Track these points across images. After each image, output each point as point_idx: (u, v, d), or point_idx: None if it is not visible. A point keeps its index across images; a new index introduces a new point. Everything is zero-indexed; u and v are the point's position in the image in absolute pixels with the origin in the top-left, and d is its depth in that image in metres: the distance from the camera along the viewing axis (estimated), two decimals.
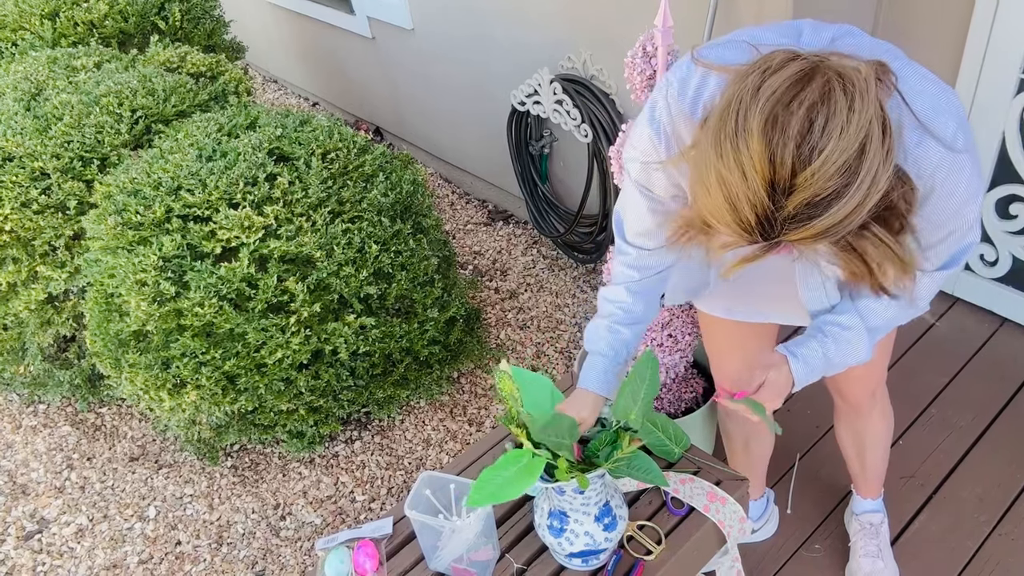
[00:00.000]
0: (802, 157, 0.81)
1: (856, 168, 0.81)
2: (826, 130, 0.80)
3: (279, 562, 2.25)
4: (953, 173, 0.99)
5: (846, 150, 0.80)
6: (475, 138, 3.26)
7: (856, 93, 0.82)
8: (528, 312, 2.92)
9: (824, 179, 0.80)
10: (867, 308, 1.21)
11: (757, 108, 0.83)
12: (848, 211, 0.82)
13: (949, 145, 0.97)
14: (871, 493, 1.86)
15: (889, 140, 0.83)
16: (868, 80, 0.83)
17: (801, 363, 1.23)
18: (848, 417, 1.70)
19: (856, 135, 0.80)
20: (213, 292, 1.99)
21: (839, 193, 0.81)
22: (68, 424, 2.75)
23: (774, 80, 0.84)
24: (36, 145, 2.29)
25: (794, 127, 0.81)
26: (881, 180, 0.83)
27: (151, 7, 3.00)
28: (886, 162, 0.83)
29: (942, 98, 0.98)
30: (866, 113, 0.81)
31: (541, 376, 1.28)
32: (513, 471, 1.17)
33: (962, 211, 1.03)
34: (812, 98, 0.81)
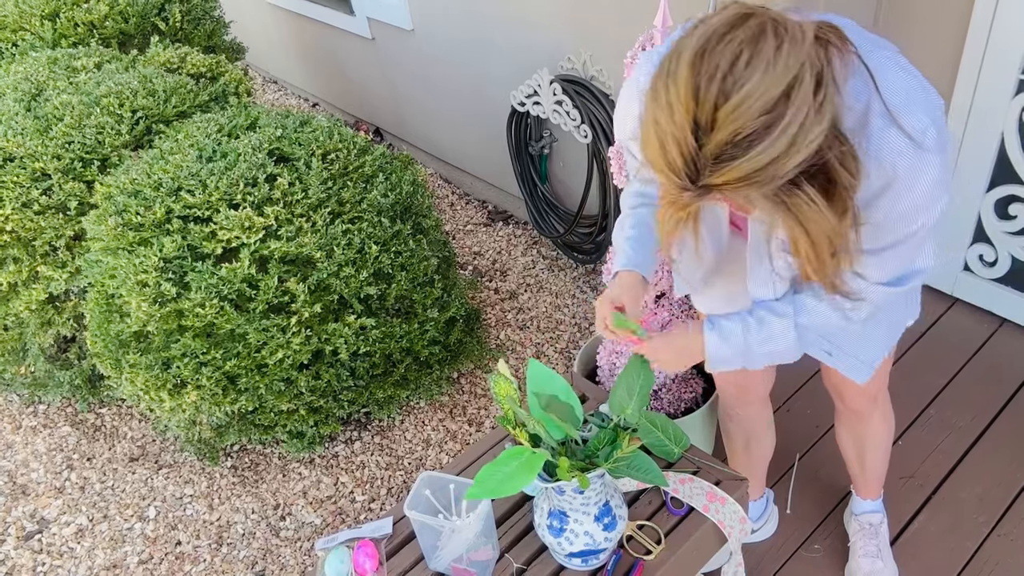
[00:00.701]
0: (724, 91, 0.80)
1: (781, 112, 0.80)
2: (751, 65, 0.80)
3: (279, 562, 2.25)
4: (916, 169, 0.98)
5: (769, 89, 0.79)
6: (475, 139, 3.26)
7: (788, 38, 0.81)
8: (528, 312, 2.92)
9: (745, 116, 0.80)
10: (802, 302, 1.19)
11: (689, 45, 0.83)
12: (772, 156, 0.81)
13: (916, 140, 0.96)
14: (871, 494, 1.86)
15: (824, 95, 0.82)
16: (806, 31, 0.82)
17: (716, 333, 1.22)
18: (848, 420, 1.70)
19: (782, 76, 0.79)
20: (214, 293, 1.99)
21: (760, 135, 0.80)
22: (68, 424, 2.75)
23: (712, 21, 0.84)
24: (37, 146, 2.29)
25: (718, 61, 0.81)
26: (810, 132, 0.81)
27: (151, 8, 3.00)
28: (818, 115, 0.81)
29: (918, 94, 0.98)
30: (795, 57, 0.80)
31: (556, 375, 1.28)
32: (514, 466, 1.17)
33: (916, 216, 1.01)
34: (742, 36, 0.81)
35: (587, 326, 2.82)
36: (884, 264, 1.10)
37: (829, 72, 0.84)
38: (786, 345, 1.22)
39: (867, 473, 1.79)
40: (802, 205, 0.88)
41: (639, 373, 1.30)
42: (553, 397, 1.25)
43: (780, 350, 1.22)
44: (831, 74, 0.85)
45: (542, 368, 1.28)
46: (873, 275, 1.12)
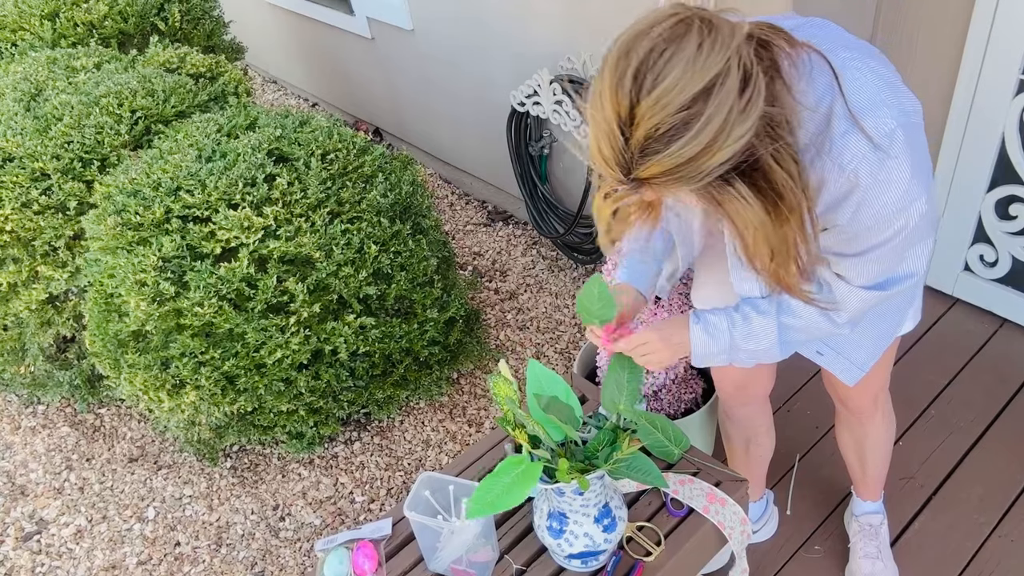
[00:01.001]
0: (644, 86, 0.82)
1: (700, 109, 0.81)
2: (670, 62, 0.81)
3: (278, 563, 2.25)
4: (879, 177, 0.97)
5: (688, 86, 0.80)
6: (475, 139, 3.26)
7: (714, 37, 0.82)
8: (528, 313, 2.92)
9: (664, 111, 0.81)
10: (787, 303, 1.19)
11: (619, 41, 0.85)
12: (693, 152, 0.82)
13: (881, 144, 0.95)
14: (871, 495, 1.85)
15: (752, 94, 0.82)
16: (736, 30, 0.83)
17: (702, 327, 1.23)
18: (849, 422, 1.70)
19: (703, 73, 0.80)
20: (213, 292, 1.99)
21: (679, 130, 0.81)
22: (67, 425, 2.75)
23: (644, 18, 0.86)
24: (36, 146, 2.29)
25: (641, 56, 0.82)
26: (734, 130, 0.82)
27: (151, 8, 3.00)
28: (743, 113, 0.82)
29: (885, 95, 0.97)
30: (719, 55, 0.81)
31: (556, 375, 1.28)
32: (512, 477, 1.17)
33: (888, 222, 1.01)
34: (667, 34, 0.83)
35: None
36: (864, 268, 1.09)
37: (760, 71, 0.84)
38: (769, 343, 1.22)
39: (868, 474, 1.79)
40: (733, 202, 0.89)
41: (625, 367, 1.30)
42: (553, 398, 1.25)
43: (764, 348, 1.22)
44: (765, 73, 0.85)
45: (542, 369, 1.28)
46: (854, 278, 1.12)
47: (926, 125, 1.58)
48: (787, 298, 1.19)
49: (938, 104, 2.19)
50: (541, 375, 1.28)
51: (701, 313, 1.25)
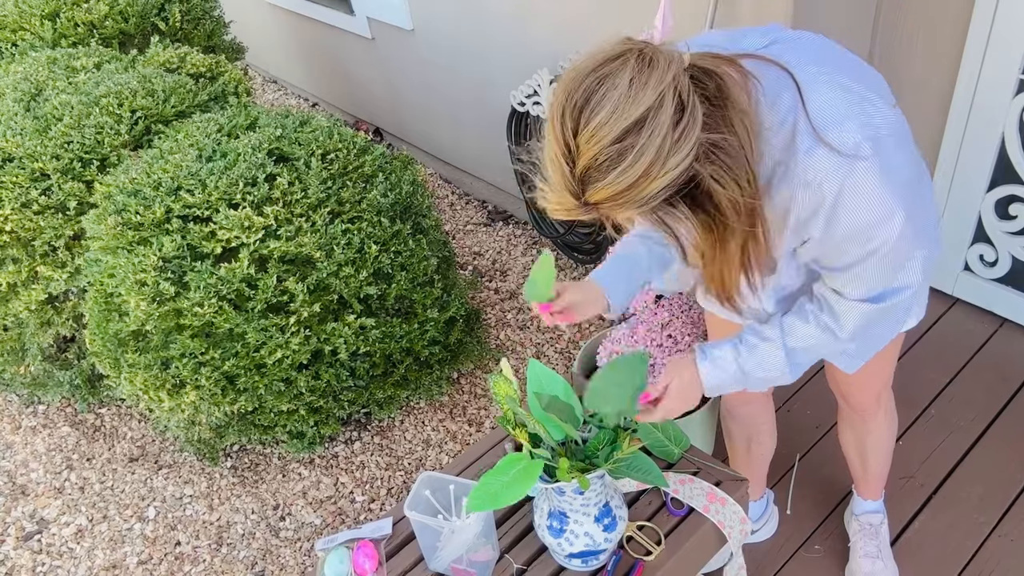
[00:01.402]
0: (582, 120, 0.87)
1: (632, 141, 0.85)
2: (605, 97, 0.86)
3: (279, 563, 2.25)
4: (845, 192, 0.98)
5: (619, 120, 0.85)
6: (475, 139, 3.26)
7: (648, 71, 0.86)
8: (528, 312, 2.92)
9: (599, 145, 0.86)
10: (790, 325, 1.21)
11: (565, 75, 0.91)
12: (629, 181, 0.86)
13: (842, 158, 0.97)
14: (872, 494, 1.86)
15: (685, 125, 0.86)
16: (673, 63, 0.87)
17: (710, 364, 1.24)
18: (851, 420, 1.70)
19: (634, 107, 0.84)
20: (213, 292, 1.99)
21: (615, 161, 0.86)
22: (67, 425, 2.75)
23: (593, 52, 0.90)
24: (36, 146, 2.29)
25: (579, 92, 0.87)
26: (669, 159, 0.86)
27: (151, 8, 3.00)
28: (678, 143, 0.86)
29: (851, 108, 0.98)
30: (652, 89, 0.85)
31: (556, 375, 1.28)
32: (512, 475, 1.17)
33: (866, 235, 1.02)
34: (605, 71, 0.87)
35: (587, 326, 2.82)
36: (855, 282, 1.11)
37: (696, 101, 0.87)
38: (779, 370, 1.23)
39: (869, 473, 1.79)
40: (677, 221, 0.96)
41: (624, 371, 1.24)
42: (554, 397, 1.24)
43: (774, 375, 1.24)
44: (708, 101, 0.89)
45: (542, 368, 1.28)
46: (848, 292, 1.13)
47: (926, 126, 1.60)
48: (789, 320, 1.21)
49: (938, 104, 2.19)
50: (541, 375, 1.27)
51: (707, 350, 1.26)
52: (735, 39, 1.10)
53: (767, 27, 1.13)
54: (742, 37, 1.10)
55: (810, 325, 1.19)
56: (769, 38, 1.08)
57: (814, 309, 1.20)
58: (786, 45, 1.06)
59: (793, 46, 1.06)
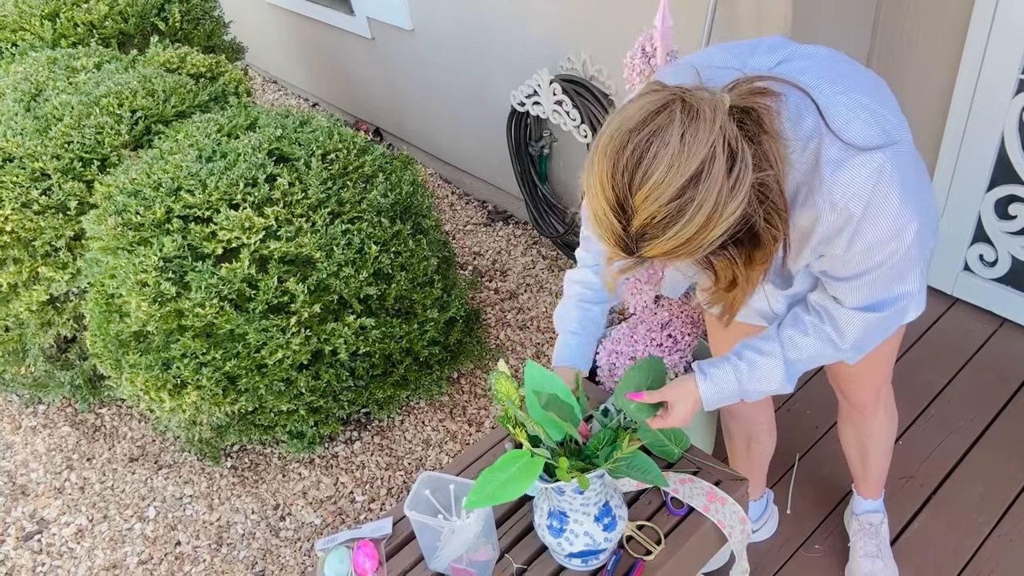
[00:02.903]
0: (635, 182, 0.86)
1: (691, 196, 0.85)
2: (657, 157, 0.85)
3: (279, 563, 2.25)
4: (870, 211, 1.00)
5: (675, 179, 0.85)
6: (475, 139, 3.26)
7: (696, 124, 0.86)
8: (528, 312, 2.92)
9: (657, 203, 0.86)
10: (789, 339, 1.22)
11: (608, 132, 0.90)
12: (689, 235, 0.87)
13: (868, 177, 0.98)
14: (872, 493, 1.86)
15: (740, 170, 0.87)
16: (718, 110, 0.87)
17: (710, 383, 1.26)
18: (851, 416, 1.70)
19: (688, 164, 0.84)
20: (214, 293, 1.99)
21: (674, 218, 0.86)
22: (68, 425, 2.75)
23: (631, 107, 0.90)
24: (36, 146, 2.29)
25: (630, 153, 0.86)
26: (726, 208, 0.87)
27: (151, 8, 3.00)
28: (733, 191, 0.86)
29: (874, 131, 0.99)
30: (703, 141, 0.85)
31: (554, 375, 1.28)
32: (512, 471, 1.17)
33: (880, 249, 1.04)
34: (653, 127, 0.86)
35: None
36: (858, 291, 1.12)
37: (745, 145, 0.88)
38: (778, 382, 1.25)
39: (869, 472, 1.79)
40: (724, 262, 0.97)
41: (648, 375, 1.30)
42: (553, 396, 1.25)
43: (773, 388, 1.26)
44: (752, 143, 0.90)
45: (539, 369, 1.28)
46: (848, 301, 1.15)
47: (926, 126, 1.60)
48: (788, 334, 1.23)
49: (938, 104, 2.19)
50: (539, 376, 1.28)
51: (706, 368, 1.28)
52: (742, 57, 1.09)
53: (772, 41, 1.12)
54: (749, 55, 1.09)
55: (810, 337, 1.21)
56: (778, 55, 1.07)
57: (814, 321, 1.21)
58: (798, 63, 1.06)
59: (805, 64, 1.06)
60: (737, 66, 1.06)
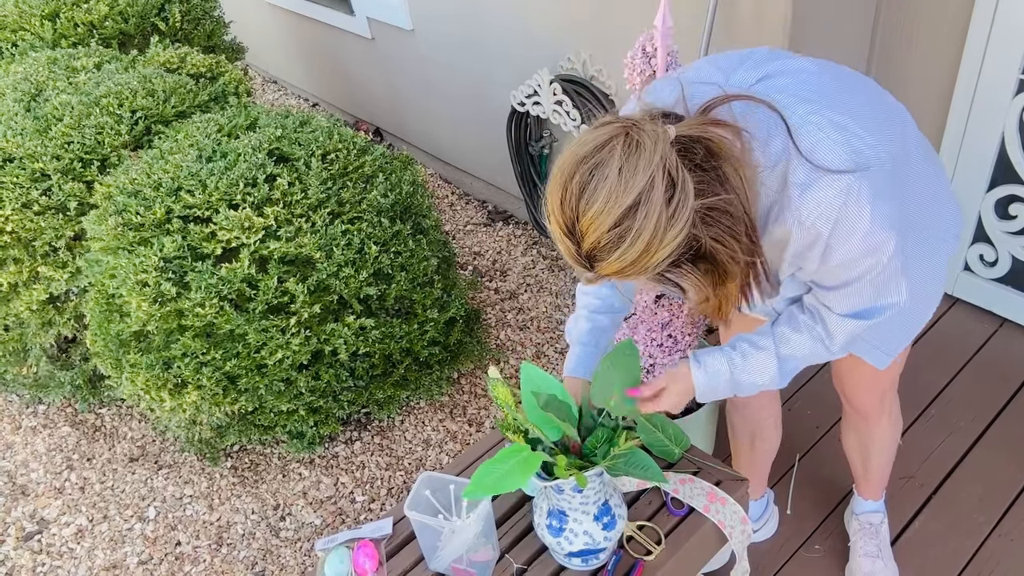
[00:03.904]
0: (579, 209, 0.93)
1: (629, 224, 0.91)
2: (598, 189, 0.91)
3: (279, 563, 2.25)
4: (839, 229, 1.03)
5: (613, 208, 0.90)
6: (475, 139, 3.26)
7: (636, 157, 0.91)
8: (528, 312, 2.92)
9: (598, 231, 0.92)
10: (782, 335, 1.25)
11: (561, 161, 0.96)
12: (632, 258, 0.93)
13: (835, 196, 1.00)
14: (873, 495, 1.86)
15: (678, 200, 0.91)
16: (659, 143, 0.91)
17: (703, 371, 1.30)
18: (854, 421, 1.70)
19: (625, 195, 0.90)
20: (214, 293, 1.99)
21: (615, 243, 0.92)
22: (68, 425, 2.75)
23: (583, 137, 0.96)
24: (36, 146, 2.29)
25: (574, 183, 0.93)
26: (665, 235, 0.92)
27: (151, 8, 3.00)
28: (672, 219, 0.91)
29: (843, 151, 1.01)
30: (640, 175, 0.90)
31: (550, 376, 1.28)
32: (512, 464, 1.18)
33: (858, 263, 1.07)
34: (596, 160, 0.92)
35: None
36: (844, 299, 1.16)
37: (686, 176, 0.92)
38: (771, 376, 1.27)
39: (871, 475, 1.79)
40: (683, 277, 1.02)
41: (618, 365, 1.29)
42: (551, 396, 1.25)
43: (766, 381, 1.28)
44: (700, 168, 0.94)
45: (535, 371, 1.29)
46: (836, 307, 1.18)
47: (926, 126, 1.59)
48: (782, 330, 1.25)
49: (938, 104, 2.19)
50: (535, 377, 1.28)
51: (701, 357, 1.30)
52: (727, 71, 1.11)
53: (761, 54, 1.14)
54: (733, 69, 1.11)
55: (803, 335, 1.23)
56: (761, 72, 1.09)
57: (807, 320, 1.24)
58: (779, 81, 1.08)
59: (785, 82, 1.07)
60: (720, 81, 1.09)
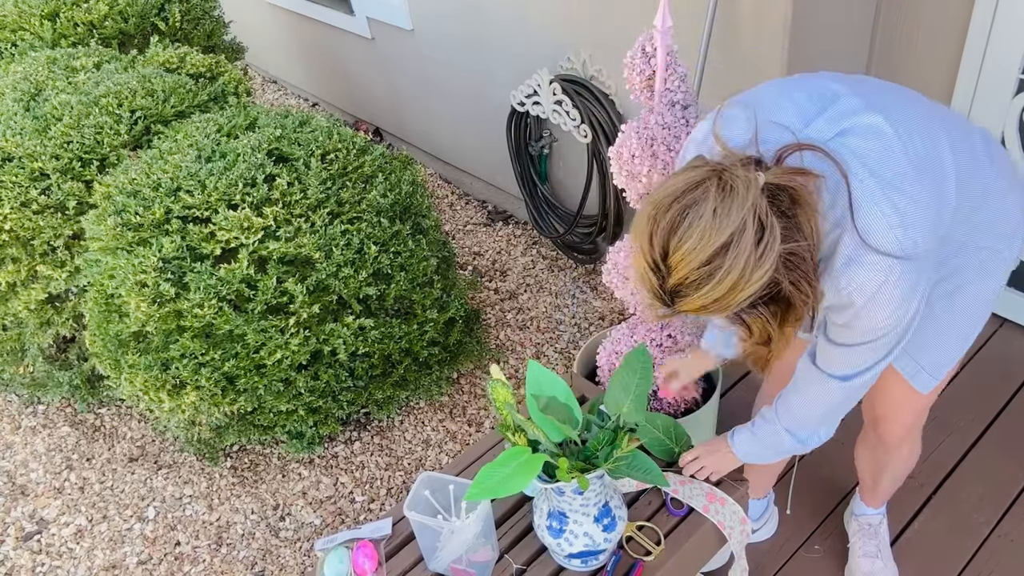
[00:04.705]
0: (670, 246, 0.97)
1: (719, 263, 0.95)
2: (692, 227, 0.96)
3: (278, 563, 2.25)
4: (871, 305, 1.08)
5: (706, 247, 0.95)
6: (474, 139, 3.26)
7: (730, 199, 0.95)
8: (528, 313, 2.92)
9: (688, 267, 0.96)
10: (782, 407, 1.36)
11: (653, 198, 1.00)
12: (717, 295, 0.97)
13: (873, 277, 1.04)
14: (875, 505, 1.84)
15: (767, 242, 0.96)
16: (751, 188, 0.96)
17: (736, 446, 1.46)
18: (872, 445, 1.66)
19: (718, 235, 0.94)
20: (213, 293, 1.99)
21: (704, 280, 0.96)
22: (67, 425, 2.75)
23: (676, 179, 1.00)
24: (35, 145, 2.29)
25: (668, 219, 0.97)
26: (752, 275, 0.96)
27: (151, 8, 3.00)
28: (760, 260, 0.96)
29: (895, 236, 1.03)
30: (734, 215, 0.94)
31: (556, 376, 1.28)
32: (513, 467, 1.17)
33: (879, 330, 1.11)
34: (690, 200, 0.97)
35: (587, 326, 2.82)
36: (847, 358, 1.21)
37: (774, 221, 0.96)
38: (787, 443, 1.39)
39: (878, 490, 1.77)
40: (756, 319, 1.07)
41: (636, 371, 1.30)
42: (552, 398, 1.25)
43: (786, 447, 1.40)
44: (783, 218, 0.98)
45: (541, 370, 1.28)
46: (833, 368, 1.23)
47: None
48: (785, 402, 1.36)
49: None
50: (541, 376, 1.28)
51: (734, 434, 1.48)
52: (806, 118, 1.10)
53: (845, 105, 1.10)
54: (813, 118, 1.10)
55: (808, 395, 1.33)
56: (840, 126, 1.08)
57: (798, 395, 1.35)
58: (853, 141, 1.06)
59: (859, 146, 1.06)
60: (797, 128, 1.09)
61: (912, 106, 1.13)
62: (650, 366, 1.30)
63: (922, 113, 1.13)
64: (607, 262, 1.94)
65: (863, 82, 1.16)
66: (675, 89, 1.69)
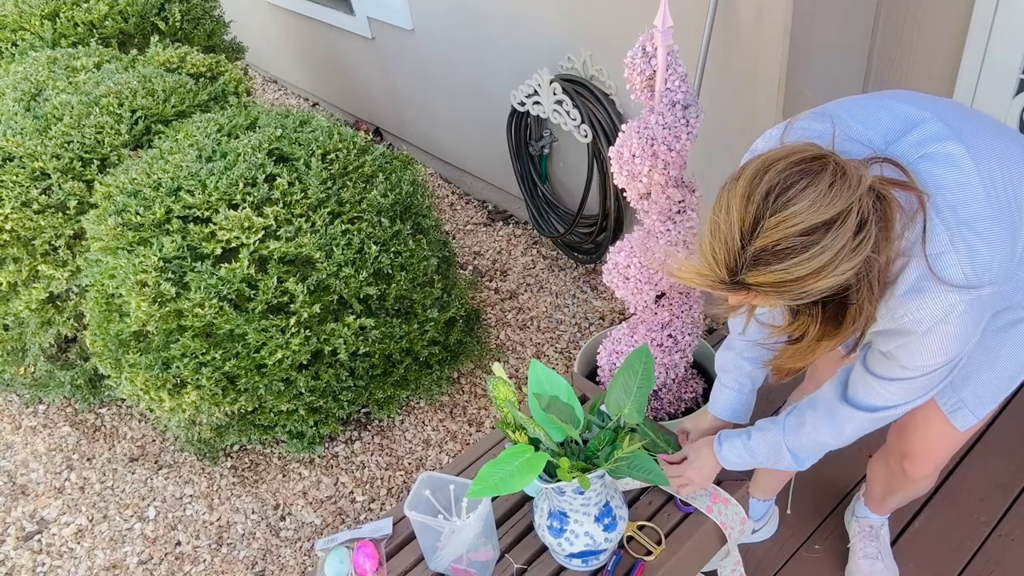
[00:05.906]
0: (774, 204, 0.91)
1: (819, 238, 0.89)
2: (804, 191, 0.90)
3: (279, 563, 2.25)
4: (922, 340, 1.05)
5: (814, 215, 0.89)
6: (475, 138, 3.26)
7: (844, 180, 0.90)
8: (528, 312, 2.92)
9: (788, 231, 0.89)
10: (791, 426, 1.33)
11: (762, 159, 0.94)
12: (803, 272, 0.90)
13: (931, 314, 1.01)
14: (880, 514, 1.83)
15: (863, 238, 0.91)
16: (862, 180, 0.91)
17: (723, 453, 1.42)
18: (892, 469, 1.60)
19: (828, 208, 0.89)
20: (213, 293, 1.99)
21: (797, 251, 0.90)
22: (68, 424, 2.75)
23: (786, 145, 0.95)
24: (36, 145, 2.29)
25: (778, 179, 0.91)
26: (842, 263, 0.90)
27: (151, 7, 3.00)
28: (853, 252, 0.91)
29: (963, 277, 0.99)
30: (846, 197, 0.89)
31: (558, 376, 1.28)
32: (515, 465, 1.17)
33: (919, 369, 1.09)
34: (803, 166, 0.92)
35: (587, 326, 2.82)
36: (880, 391, 1.17)
37: (873, 221, 0.92)
38: (786, 460, 1.35)
39: (885, 504, 1.76)
40: (807, 319, 1.01)
41: (637, 372, 1.30)
42: (554, 398, 1.25)
43: (784, 463, 1.36)
44: (878, 223, 0.93)
45: (543, 369, 1.28)
46: (864, 398, 1.20)
47: None
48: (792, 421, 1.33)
49: None
50: (542, 375, 1.28)
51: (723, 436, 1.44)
52: (889, 136, 1.06)
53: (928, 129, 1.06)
54: (897, 137, 1.05)
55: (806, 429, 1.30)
56: (924, 150, 1.03)
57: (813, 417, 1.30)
58: (936, 170, 1.02)
59: (942, 176, 1.01)
60: (879, 147, 1.05)
61: (994, 138, 1.09)
62: (651, 366, 1.30)
63: (1003, 145, 1.09)
64: (607, 262, 1.94)
65: (946, 107, 1.11)
66: (676, 89, 1.69)
